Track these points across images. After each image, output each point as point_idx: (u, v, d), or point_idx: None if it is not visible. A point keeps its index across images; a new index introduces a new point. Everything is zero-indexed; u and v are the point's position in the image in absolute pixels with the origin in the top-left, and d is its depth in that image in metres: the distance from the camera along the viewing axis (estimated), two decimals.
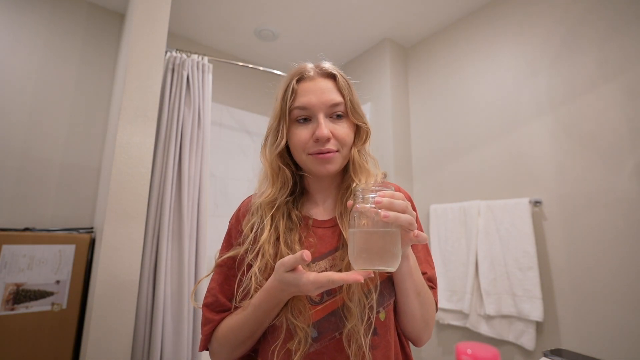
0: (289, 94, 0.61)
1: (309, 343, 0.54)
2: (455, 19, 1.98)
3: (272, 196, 0.62)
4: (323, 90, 0.60)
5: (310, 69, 0.63)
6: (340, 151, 0.61)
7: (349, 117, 0.62)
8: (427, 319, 0.61)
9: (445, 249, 1.78)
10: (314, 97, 0.60)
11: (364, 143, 0.65)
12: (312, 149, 0.60)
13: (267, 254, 0.57)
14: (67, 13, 1.76)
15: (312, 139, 0.59)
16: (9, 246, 1.24)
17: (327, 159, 0.59)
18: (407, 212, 0.47)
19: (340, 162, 0.62)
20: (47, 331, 1.25)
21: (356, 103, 0.64)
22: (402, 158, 2.08)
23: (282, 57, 2.41)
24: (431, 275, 0.65)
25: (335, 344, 0.55)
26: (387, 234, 0.47)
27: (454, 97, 1.94)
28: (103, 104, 1.80)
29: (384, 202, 0.47)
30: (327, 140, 0.59)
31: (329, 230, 0.63)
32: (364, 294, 0.55)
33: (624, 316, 1.23)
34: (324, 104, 0.60)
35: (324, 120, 0.59)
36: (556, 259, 1.43)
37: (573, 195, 1.41)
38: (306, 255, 0.47)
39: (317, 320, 0.56)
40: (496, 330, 1.52)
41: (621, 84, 1.32)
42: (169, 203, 1.35)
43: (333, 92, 0.61)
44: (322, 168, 0.60)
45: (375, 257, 0.47)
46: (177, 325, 1.30)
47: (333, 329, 0.55)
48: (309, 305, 0.56)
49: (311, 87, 0.61)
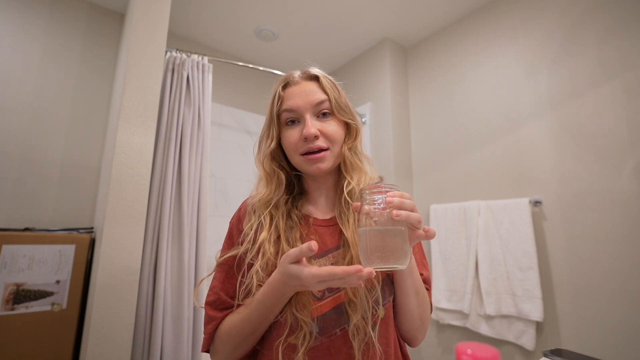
0: (276, 99, 0.65)
1: (313, 337, 0.55)
2: (456, 19, 1.98)
3: (268, 196, 0.65)
4: (307, 91, 0.64)
5: (295, 75, 0.67)
6: (331, 149, 0.63)
7: (336, 114, 0.65)
8: (424, 318, 0.63)
9: (445, 249, 1.78)
10: (299, 99, 0.63)
11: (354, 140, 0.67)
12: (303, 149, 0.62)
13: (268, 252, 0.58)
14: (67, 13, 1.76)
15: (301, 139, 0.62)
16: (9, 246, 1.24)
17: (317, 159, 0.61)
18: (415, 211, 0.49)
19: (331, 160, 0.64)
20: (47, 331, 1.25)
21: (343, 102, 0.66)
22: (402, 158, 2.08)
23: (282, 57, 2.41)
24: (427, 277, 0.67)
25: (339, 339, 0.56)
26: (399, 232, 0.49)
27: (454, 97, 1.94)
28: (103, 104, 1.80)
29: (395, 202, 0.48)
30: (315, 137, 0.61)
31: (329, 228, 0.64)
32: (367, 289, 0.57)
33: (624, 316, 1.23)
34: (310, 103, 0.63)
35: (310, 119, 0.62)
36: (556, 259, 1.43)
37: (573, 195, 1.41)
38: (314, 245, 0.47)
39: (320, 315, 0.57)
40: (496, 330, 1.52)
41: (621, 84, 1.32)
42: (169, 203, 1.35)
43: (317, 92, 0.64)
44: (314, 167, 0.62)
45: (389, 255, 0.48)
46: (177, 325, 1.30)
47: (334, 325, 0.56)
48: (312, 300, 0.57)
49: (296, 90, 0.64)
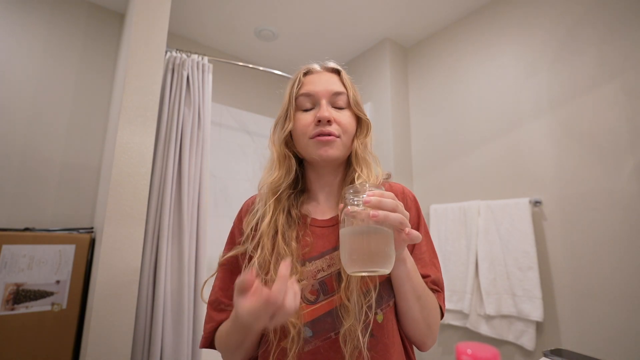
0: (296, 84, 0.66)
1: (302, 341, 0.54)
2: (456, 19, 1.98)
3: (278, 180, 0.63)
4: (328, 80, 0.65)
5: (317, 65, 0.69)
6: (342, 137, 0.63)
7: (351, 108, 0.66)
8: (430, 322, 0.59)
9: (445, 249, 1.78)
10: (319, 85, 0.64)
11: (365, 137, 0.67)
12: (314, 131, 0.62)
13: (266, 247, 0.58)
14: (67, 13, 1.76)
15: (314, 122, 0.62)
16: (9, 246, 1.24)
17: (327, 141, 0.61)
18: (397, 211, 0.45)
19: (341, 149, 0.63)
20: (47, 331, 1.25)
21: (358, 98, 0.68)
22: (402, 158, 2.08)
23: (282, 57, 2.41)
24: (435, 278, 0.63)
25: (331, 344, 0.54)
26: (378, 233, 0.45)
27: (454, 97, 1.94)
28: (103, 104, 1.80)
29: (372, 202, 0.45)
30: (328, 121, 0.61)
31: (328, 229, 0.62)
32: (362, 293, 0.55)
33: (624, 316, 1.23)
34: (328, 91, 0.64)
35: (326, 104, 0.63)
36: (556, 259, 1.43)
37: (573, 195, 1.41)
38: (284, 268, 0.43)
39: (312, 319, 0.55)
40: (496, 330, 1.52)
41: (621, 84, 1.32)
42: (169, 203, 1.35)
43: (336, 84, 0.65)
44: (323, 151, 0.61)
45: (366, 259, 0.44)
46: (177, 325, 1.30)
47: (329, 329, 0.55)
48: (303, 304, 0.56)
49: (316, 78, 0.66)
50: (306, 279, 0.57)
